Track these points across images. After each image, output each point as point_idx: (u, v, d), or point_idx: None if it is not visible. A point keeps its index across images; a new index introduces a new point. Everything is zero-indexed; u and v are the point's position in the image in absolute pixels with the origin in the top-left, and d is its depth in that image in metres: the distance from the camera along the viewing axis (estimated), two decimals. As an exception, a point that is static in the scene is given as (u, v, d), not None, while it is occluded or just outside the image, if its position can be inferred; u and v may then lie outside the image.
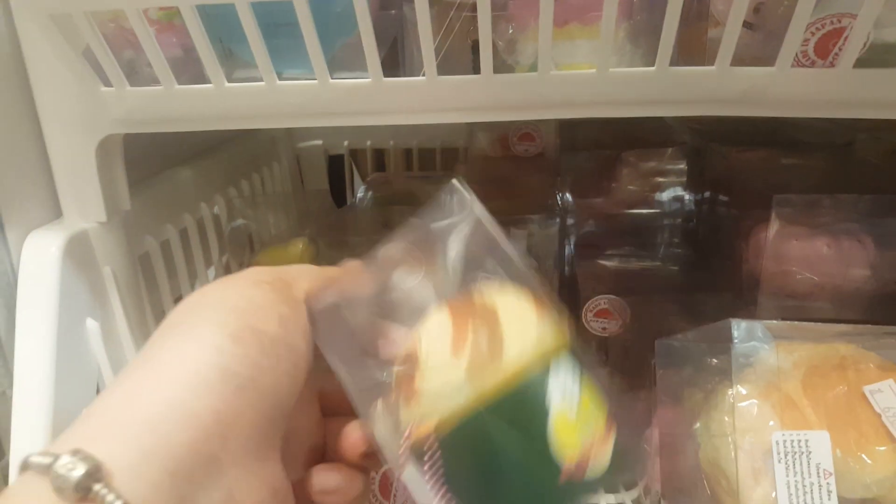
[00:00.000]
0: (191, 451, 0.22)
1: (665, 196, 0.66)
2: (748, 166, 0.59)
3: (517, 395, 0.26)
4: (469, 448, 0.26)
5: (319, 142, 0.86)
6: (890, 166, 0.55)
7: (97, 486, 0.20)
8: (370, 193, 0.76)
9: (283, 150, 0.82)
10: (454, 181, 0.29)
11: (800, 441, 0.35)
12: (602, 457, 0.27)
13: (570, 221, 0.65)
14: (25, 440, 0.38)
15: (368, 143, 0.85)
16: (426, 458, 0.26)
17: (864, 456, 0.34)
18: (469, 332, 0.26)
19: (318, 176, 0.87)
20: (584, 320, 0.53)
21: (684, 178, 0.65)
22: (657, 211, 0.66)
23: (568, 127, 0.70)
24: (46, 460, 0.21)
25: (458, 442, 0.26)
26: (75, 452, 0.21)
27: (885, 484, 0.34)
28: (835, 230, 0.46)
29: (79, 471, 0.20)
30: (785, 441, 0.35)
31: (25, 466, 0.21)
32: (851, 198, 0.46)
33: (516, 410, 0.26)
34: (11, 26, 0.38)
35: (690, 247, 0.65)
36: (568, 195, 0.65)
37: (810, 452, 0.34)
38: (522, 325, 0.27)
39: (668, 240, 0.66)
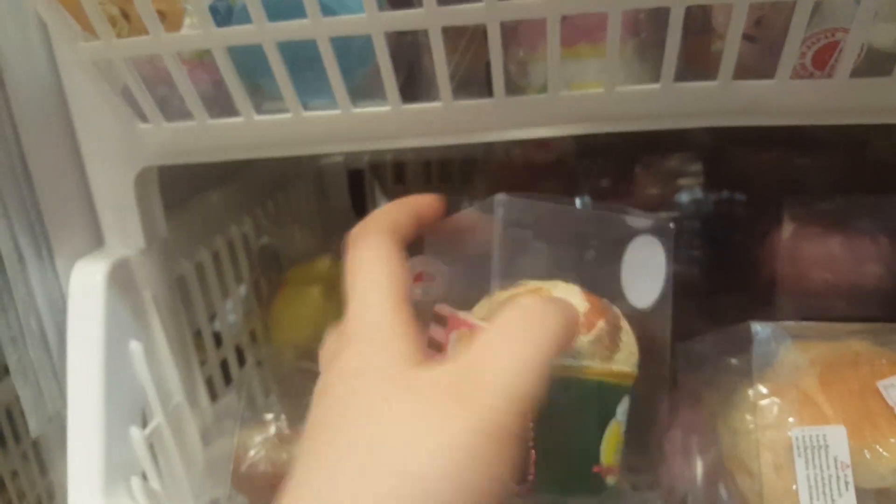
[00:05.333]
0: None
1: (683, 199, 0.66)
2: (763, 167, 0.59)
3: (606, 389, 0.33)
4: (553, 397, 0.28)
5: (340, 158, 0.88)
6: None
7: None
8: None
9: (306, 168, 0.85)
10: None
11: (818, 436, 0.36)
12: (611, 479, 0.33)
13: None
14: (81, 459, 0.40)
15: (388, 157, 0.87)
16: None
17: (878, 447, 0.36)
18: (601, 319, 0.33)
19: (339, 191, 0.89)
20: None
21: (701, 180, 0.66)
22: (675, 214, 0.67)
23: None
24: None
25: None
26: None
27: (899, 473, 0.36)
28: (847, 230, 0.47)
29: None
30: (804, 437, 0.36)
31: None
32: (861, 197, 0.47)
33: (600, 399, 0.33)
34: (55, 70, 0.40)
35: (709, 249, 0.65)
36: (587, 200, 0.66)
37: (828, 446, 0.36)
38: (632, 342, 0.34)
39: (687, 242, 0.67)
